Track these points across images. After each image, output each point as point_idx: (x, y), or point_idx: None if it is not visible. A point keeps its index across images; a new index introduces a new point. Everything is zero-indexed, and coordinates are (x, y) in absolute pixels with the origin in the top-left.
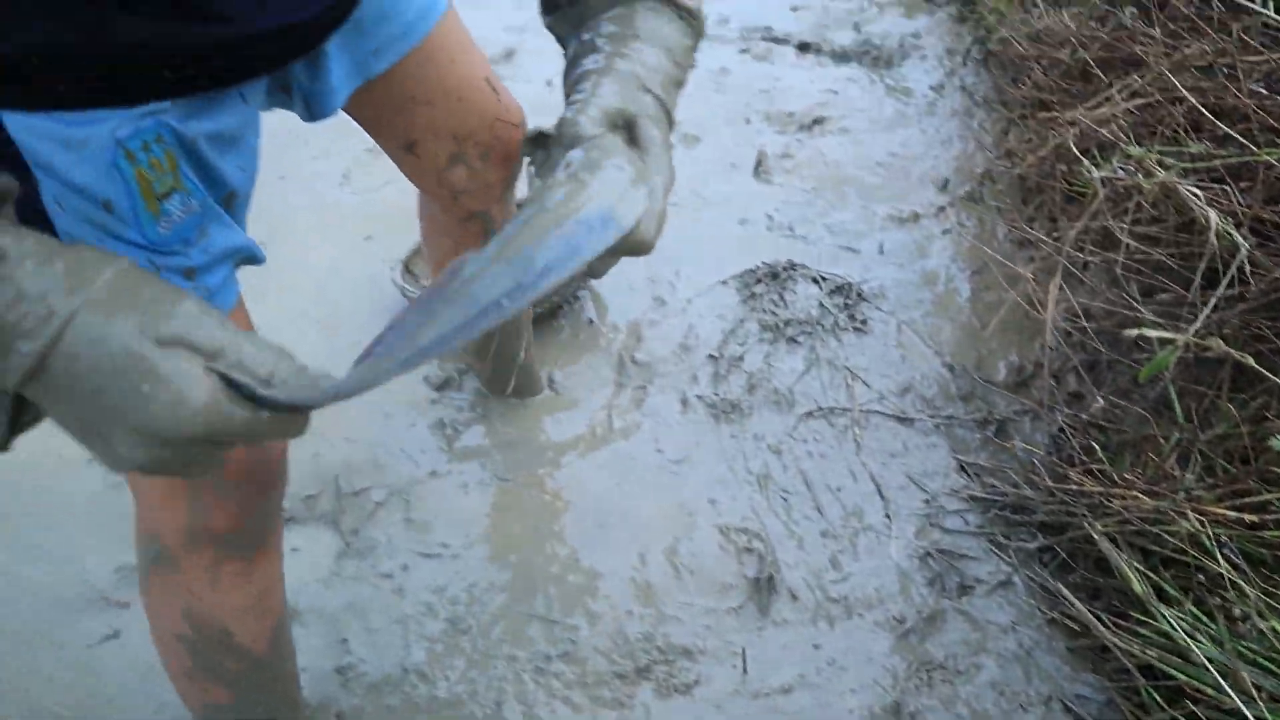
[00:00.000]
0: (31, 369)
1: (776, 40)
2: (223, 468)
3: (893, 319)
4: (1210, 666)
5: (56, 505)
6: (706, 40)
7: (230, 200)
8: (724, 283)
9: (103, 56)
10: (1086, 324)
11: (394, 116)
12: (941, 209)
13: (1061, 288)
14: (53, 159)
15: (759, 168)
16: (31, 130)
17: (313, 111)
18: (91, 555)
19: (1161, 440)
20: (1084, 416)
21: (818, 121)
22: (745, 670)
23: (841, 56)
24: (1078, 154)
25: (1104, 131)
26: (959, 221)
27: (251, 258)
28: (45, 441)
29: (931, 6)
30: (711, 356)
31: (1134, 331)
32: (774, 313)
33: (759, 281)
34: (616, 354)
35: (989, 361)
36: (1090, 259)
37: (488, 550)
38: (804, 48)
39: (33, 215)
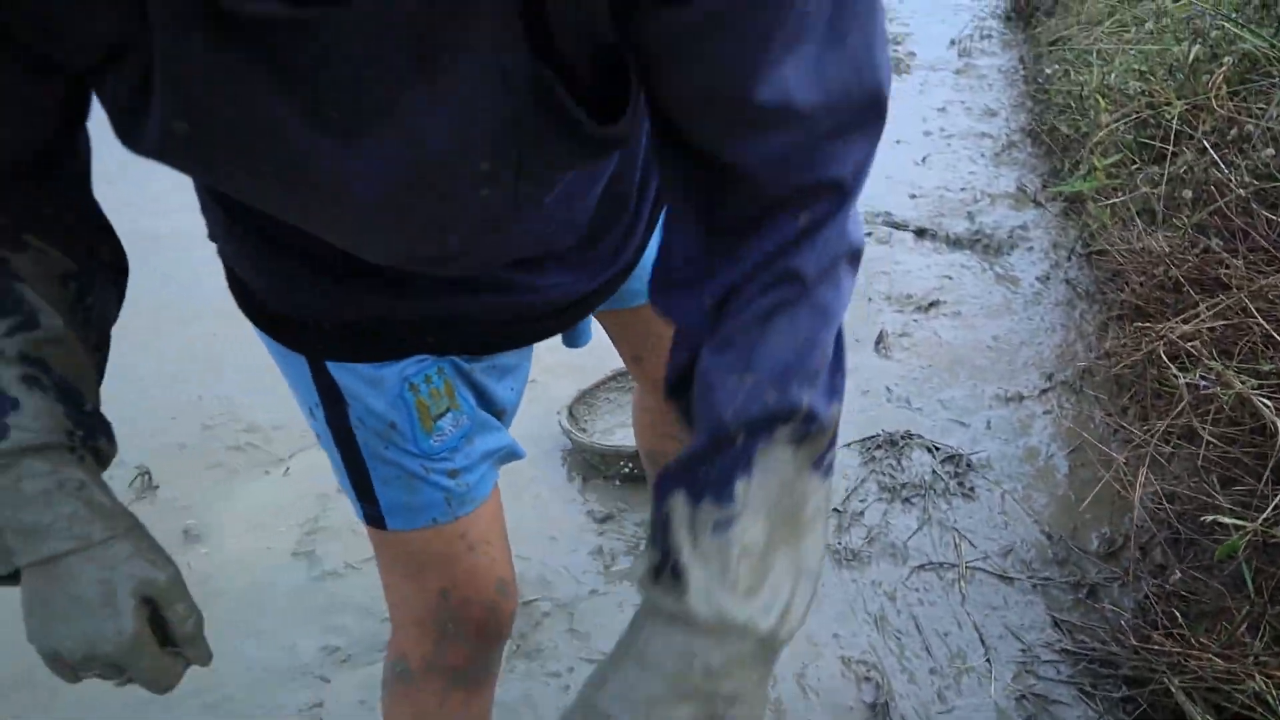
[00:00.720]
0: (46, 559)
1: (896, 225)
2: (467, 621)
3: (997, 488)
4: None
5: (268, 592)
6: None
7: (500, 414)
8: (847, 445)
9: (413, 324)
10: (1170, 506)
11: (630, 335)
12: (1043, 392)
13: (1148, 473)
14: (358, 391)
15: (880, 344)
16: (347, 371)
17: (574, 342)
18: (300, 637)
19: (1235, 611)
20: (1166, 586)
21: (933, 304)
22: None
23: (955, 243)
24: (1167, 361)
25: (1190, 346)
26: (1059, 404)
27: (512, 455)
28: (255, 537)
29: (1039, 202)
30: (836, 510)
31: (1209, 517)
32: (892, 475)
33: (879, 447)
34: None
35: (1082, 532)
36: (1175, 450)
37: None
38: (921, 233)
39: (343, 430)
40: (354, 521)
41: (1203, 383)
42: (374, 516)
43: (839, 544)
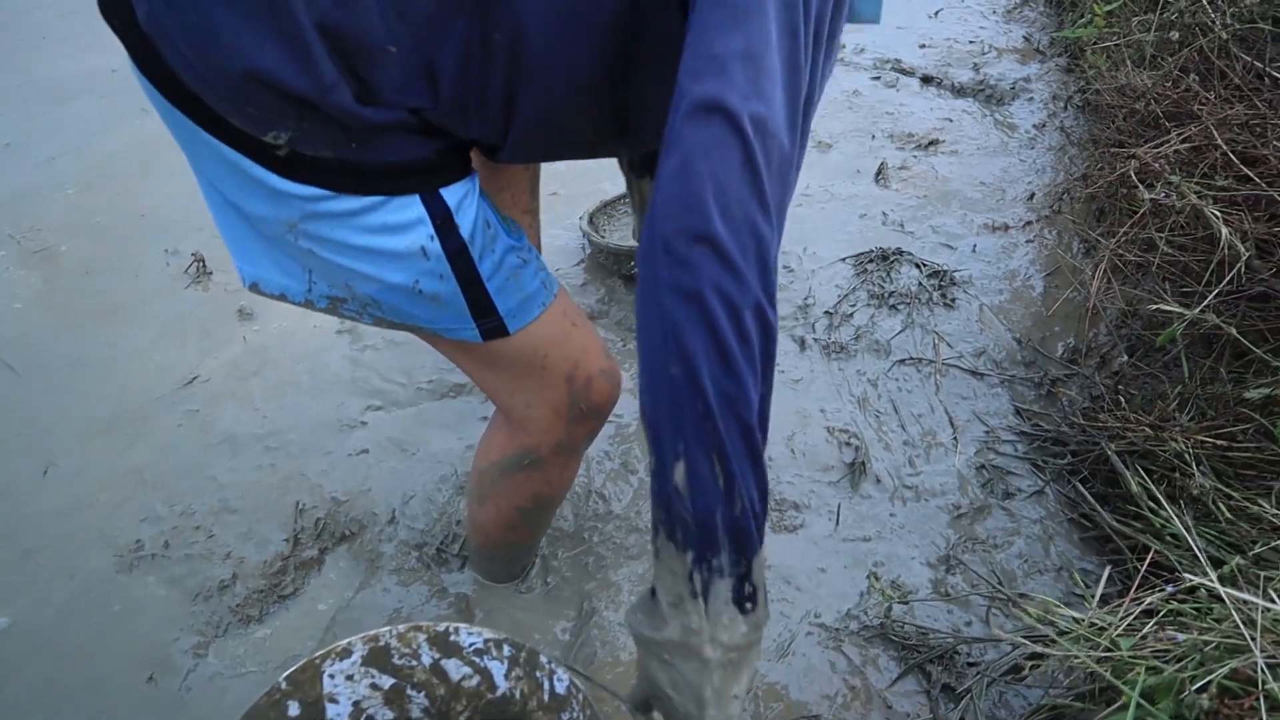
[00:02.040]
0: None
1: (904, 72)
2: (594, 394)
3: (976, 300)
4: (1179, 544)
5: (317, 360)
6: (843, 65)
7: None
8: (842, 260)
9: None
10: (1127, 309)
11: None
12: (1028, 224)
13: (1109, 279)
14: (464, 204)
15: (879, 175)
16: (452, 191)
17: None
18: (347, 396)
19: (1169, 393)
20: (1115, 372)
21: (933, 143)
22: (837, 523)
23: (959, 91)
24: (1136, 180)
25: (1157, 165)
26: (1041, 235)
27: None
28: (303, 315)
29: (1043, 56)
30: (827, 313)
31: (1154, 306)
32: (881, 285)
33: (871, 261)
34: None
35: (1050, 341)
36: (1135, 258)
37: None
38: (927, 80)
39: (459, 250)
40: None
41: (1163, 195)
42: (495, 328)
43: (829, 339)
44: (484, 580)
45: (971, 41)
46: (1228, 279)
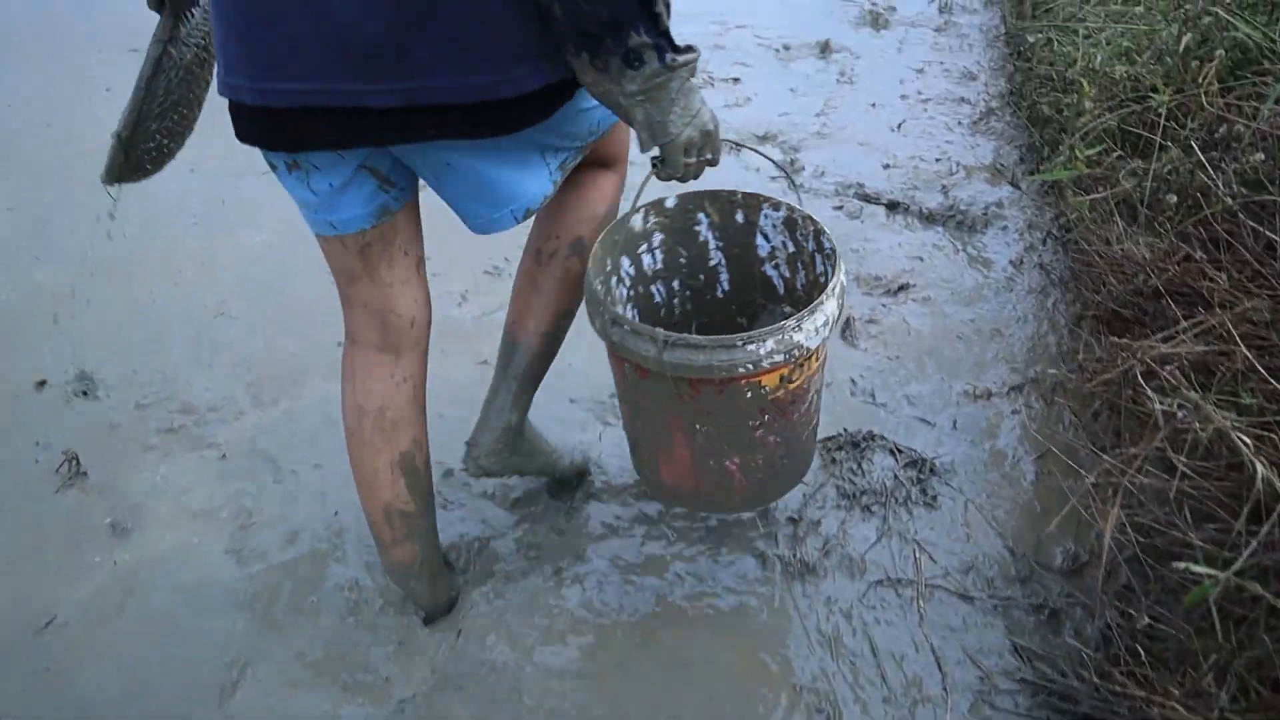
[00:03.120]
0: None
1: (868, 199)
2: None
3: (961, 496)
4: None
5: (199, 592)
6: (804, 192)
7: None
8: None
9: None
10: (1138, 538)
11: None
12: (1012, 389)
13: (1120, 515)
14: None
15: (846, 331)
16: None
17: None
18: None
19: (1201, 656)
20: (1132, 624)
21: (903, 288)
22: None
23: (928, 218)
24: (1143, 383)
25: (1168, 371)
26: (1027, 404)
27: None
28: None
29: (1015, 177)
30: (791, 519)
31: (1181, 565)
32: (852, 480)
33: (840, 448)
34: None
35: (1046, 546)
36: (1147, 481)
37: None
38: (893, 207)
39: None
40: (287, 513)
41: (1180, 414)
42: None
43: (793, 554)
44: None
45: (938, 159)
46: (1266, 529)
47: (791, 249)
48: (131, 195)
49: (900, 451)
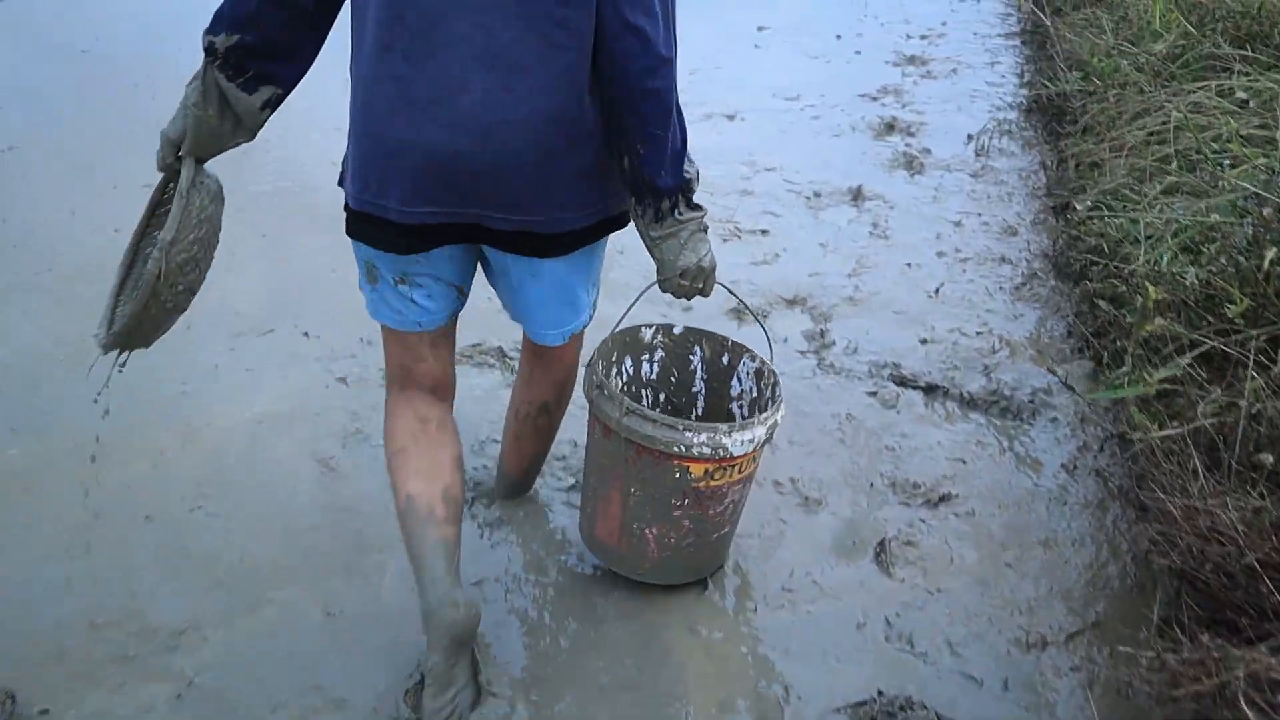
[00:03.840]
0: None
1: (904, 382)
2: None
3: None
4: None
5: None
6: (834, 373)
7: None
8: (836, 712)
9: None
10: None
11: None
12: (1071, 637)
13: None
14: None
15: (880, 554)
16: None
17: None
18: None
19: None
20: None
21: (944, 499)
22: None
23: (969, 403)
24: (1245, 706)
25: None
26: (1089, 657)
27: None
28: None
29: (1064, 355)
30: None
31: None
32: None
33: (873, 719)
34: None
35: None
36: None
37: None
38: (932, 390)
39: None
40: None
41: None
42: None
43: None
44: None
45: (979, 332)
46: None
47: (754, 395)
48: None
49: None
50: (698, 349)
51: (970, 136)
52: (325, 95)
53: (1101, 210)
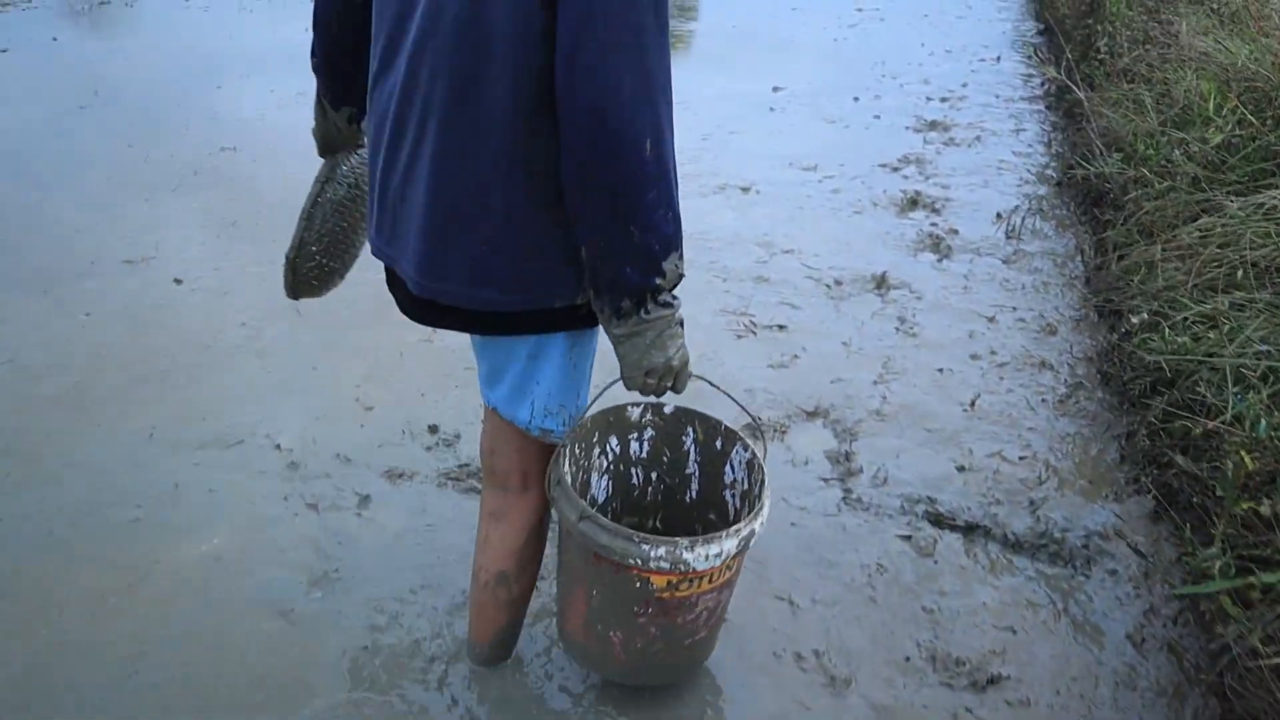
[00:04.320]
0: None
1: (940, 521)
2: None
3: None
4: None
5: None
6: (863, 509)
7: None
8: None
9: None
10: None
11: None
12: None
13: None
14: None
15: None
16: None
17: None
18: None
19: None
20: None
21: (992, 682)
22: None
23: (1014, 547)
24: None
25: None
26: None
27: None
28: None
29: (1117, 487)
30: None
31: None
32: None
33: None
34: None
35: None
36: None
37: None
38: (971, 531)
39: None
40: None
41: None
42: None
43: None
44: None
45: (1022, 457)
46: None
47: (745, 486)
48: (79, 472)
49: None
50: (690, 430)
51: (1000, 215)
52: None
53: (1161, 327)
